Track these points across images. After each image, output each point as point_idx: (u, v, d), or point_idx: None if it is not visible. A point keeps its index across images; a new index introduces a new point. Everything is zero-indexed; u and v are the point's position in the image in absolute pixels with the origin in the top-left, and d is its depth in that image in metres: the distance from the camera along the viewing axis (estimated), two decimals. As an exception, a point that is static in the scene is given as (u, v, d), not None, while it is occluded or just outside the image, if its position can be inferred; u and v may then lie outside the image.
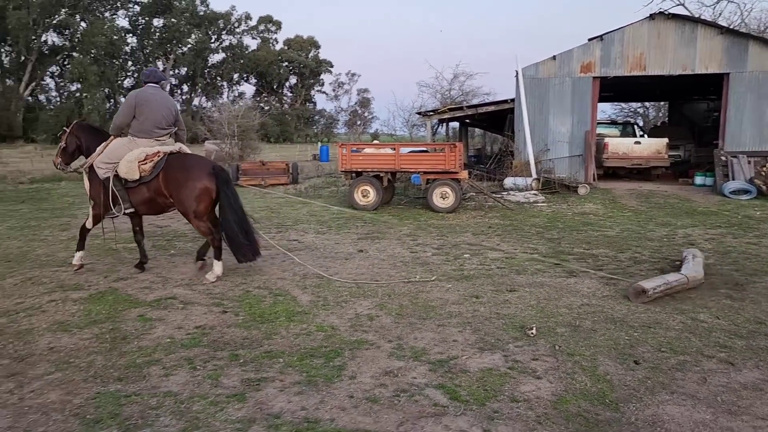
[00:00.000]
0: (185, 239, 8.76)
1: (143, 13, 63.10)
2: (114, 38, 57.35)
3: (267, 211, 11.98)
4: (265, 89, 74.26)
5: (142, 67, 64.88)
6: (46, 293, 5.75)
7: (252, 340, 4.46)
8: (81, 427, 3.15)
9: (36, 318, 4.99)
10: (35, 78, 56.66)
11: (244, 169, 17.92)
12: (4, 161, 23.83)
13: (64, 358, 4.13)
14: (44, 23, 53.79)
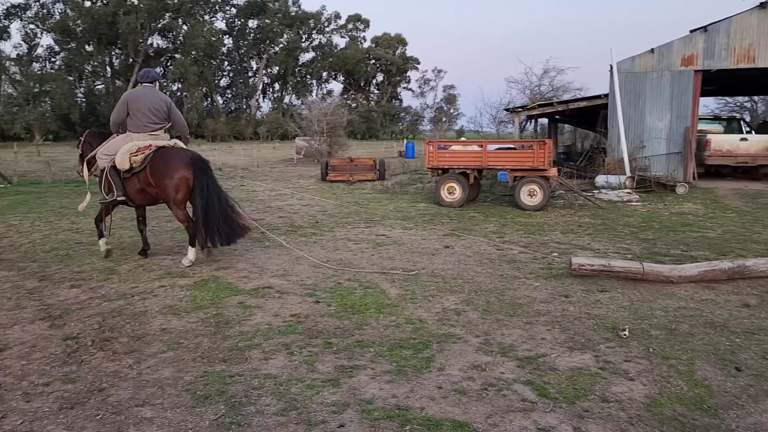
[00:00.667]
0: (278, 232, 9.16)
1: (239, 15, 65.83)
2: (212, 40, 60.22)
3: (355, 207, 12.28)
4: (353, 87, 75.61)
5: (238, 66, 67.89)
6: (156, 279, 6.24)
7: (344, 330, 4.66)
8: (192, 401, 3.44)
9: (149, 301, 5.43)
10: (141, 79, 60.30)
11: (333, 165, 18.40)
12: (114, 157, 25.63)
13: (175, 338, 4.49)
14: (150, 27, 57.30)
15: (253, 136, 61.83)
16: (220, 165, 23.66)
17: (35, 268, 6.82)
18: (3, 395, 3.55)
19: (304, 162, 27.55)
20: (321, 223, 10.20)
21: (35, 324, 4.86)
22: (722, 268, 6.12)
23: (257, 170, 23.01)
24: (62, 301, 5.48)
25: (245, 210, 8.84)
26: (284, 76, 69.55)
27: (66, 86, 52.82)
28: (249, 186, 16.56)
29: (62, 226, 9.74)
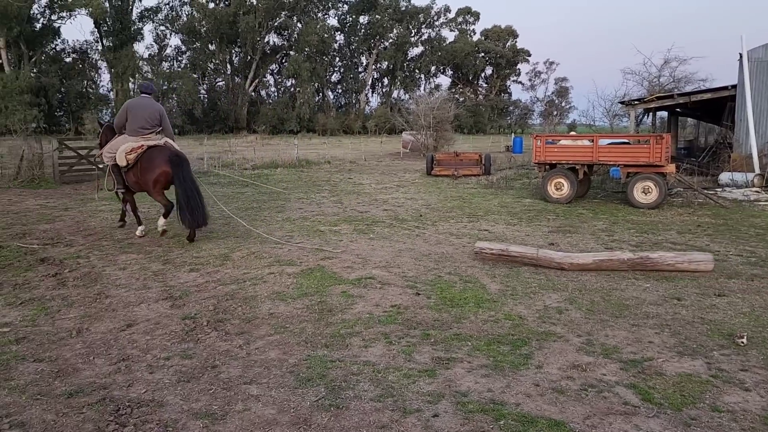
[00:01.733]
0: (383, 225, 9.33)
1: (351, 12, 67.27)
2: (325, 36, 61.94)
3: (458, 201, 12.24)
4: (461, 80, 74.98)
5: (348, 62, 69.46)
6: (266, 266, 6.58)
7: (442, 323, 4.70)
8: (295, 382, 3.63)
9: (259, 287, 5.75)
10: (258, 75, 63.46)
11: (438, 159, 18.41)
12: (232, 150, 27.16)
13: (281, 323, 4.73)
14: (267, 26, 59.94)
15: (362, 131, 63.04)
16: (329, 158, 24.40)
17: (160, 252, 7.41)
18: (130, 366, 3.92)
19: (410, 156, 27.76)
20: (424, 216, 10.27)
21: (159, 303, 5.30)
22: (621, 258, 6.31)
23: (364, 164, 23.50)
24: (182, 284, 5.93)
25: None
26: (393, 70, 70.27)
27: (191, 83, 56.54)
28: (356, 179, 16.96)
29: (184, 214, 10.48)
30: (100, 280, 6.09)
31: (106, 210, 10.70)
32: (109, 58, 57.01)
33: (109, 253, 7.37)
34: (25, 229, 8.92)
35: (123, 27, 57.39)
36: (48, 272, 6.43)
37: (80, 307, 5.23)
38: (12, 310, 5.17)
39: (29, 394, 3.50)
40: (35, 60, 53.26)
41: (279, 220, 9.81)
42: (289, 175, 18.08)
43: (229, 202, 11.75)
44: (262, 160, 21.90)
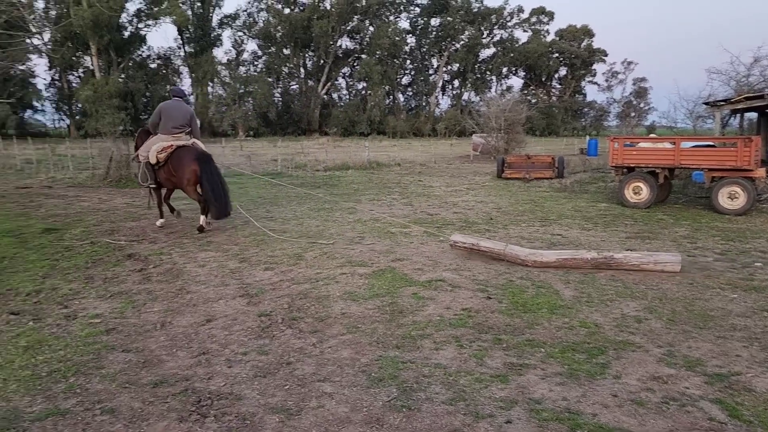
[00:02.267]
0: (453, 227, 9.29)
1: (422, 14, 67.35)
2: (396, 39, 62.27)
3: (530, 204, 12.02)
4: (533, 82, 73.60)
5: (419, 65, 69.55)
6: (338, 267, 6.69)
7: (514, 328, 4.63)
8: (367, 382, 3.67)
9: (331, 287, 5.86)
10: (330, 79, 64.56)
11: (509, 162, 18.15)
12: (305, 152, 27.73)
13: (353, 323, 4.80)
14: (340, 30, 60.91)
15: (431, 133, 62.95)
16: (399, 160, 24.51)
17: (236, 251, 7.67)
18: (210, 359, 4.08)
19: (480, 159, 27.49)
20: (495, 220, 10.15)
21: (236, 300, 5.49)
22: (585, 258, 6.50)
23: (434, 166, 23.46)
24: (258, 282, 6.11)
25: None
26: (464, 72, 69.80)
27: (266, 87, 58.18)
28: (426, 181, 16.96)
29: (259, 214, 10.79)
30: (181, 276, 6.37)
31: (186, 209, 11.17)
32: (190, 64, 59.53)
33: (190, 250, 7.69)
34: (113, 227, 9.45)
35: (203, 33, 59.80)
36: (134, 267, 6.79)
37: (163, 301, 5.49)
38: (102, 302, 5.49)
39: (118, 383, 3.71)
40: (123, 66, 56.26)
41: (350, 221, 9.94)
42: (360, 176, 18.28)
43: (302, 203, 12.03)
44: (334, 162, 22.26)
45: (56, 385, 3.69)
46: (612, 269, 6.40)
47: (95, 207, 11.65)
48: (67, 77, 60.12)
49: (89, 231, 9.06)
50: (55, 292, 5.79)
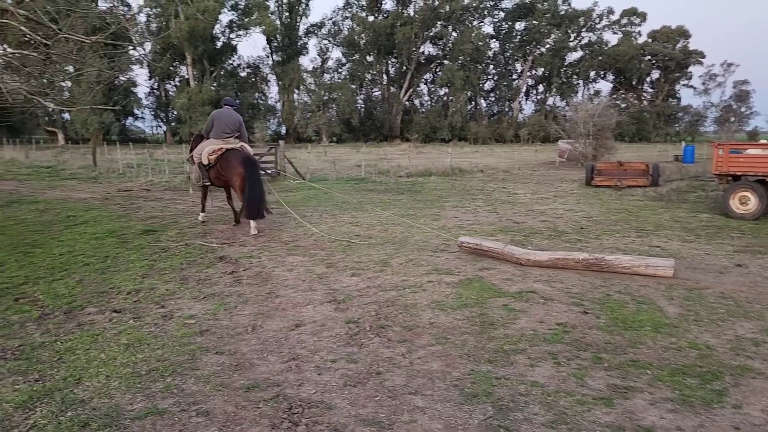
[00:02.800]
0: (541, 236, 8.97)
1: (507, 19, 66.38)
2: (479, 44, 61.71)
3: (623, 214, 11.44)
4: (623, 85, 70.72)
5: (502, 69, 68.54)
6: (425, 274, 6.58)
7: (615, 346, 4.35)
8: (460, 397, 3.53)
9: (418, 295, 5.75)
10: (412, 85, 64.79)
11: (599, 169, 17.42)
12: (388, 158, 27.86)
13: (442, 333, 4.67)
14: (423, 36, 61.03)
15: (514, 139, 61.84)
16: (482, 167, 24.14)
17: (323, 255, 7.72)
18: (300, 365, 4.07)
19: (566, 165, 26.64)
20: (586, 229, 9.72)
21: (324, 306, 5.49)
22: (576, 258, 6.70)
23: (518, 173, 22.93)
24: (345, 288, 6.10)
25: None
26: (549, 77, 68.11)
27: (349, 94, 59.16)
28: (510, 188, 16.57)
29: (344, 219, 10.87)
30: (270, 280, 6.46)
31: (275, 213, 11.42)
32: (277, 72, 61.49)
33: (278, 254, 7.82)
34: (205, 229, 9.79)
35: (291, 42, 61.64)
36: (226, 270, 6.96)
37: (254, 304, 5.57)
38: (196, 303, 5.64)
39: (212, 385, 3.76)
40: (215, 75, 58.86)
41: (435, 228, 9.81)
42: (443, 183, 18.12)
43: (386, 208, 12.01)
44: (416, 168, 22.21)
45: (154, 384, 3.78)
46: (603, 271, 6.56)
47: (189, 210, 12.14)
48: (164, 86, 63.64)
49: (183, 233, 9.42)
50: (153, 292, 6.02)
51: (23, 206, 12.63)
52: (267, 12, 58.09)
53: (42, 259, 7.60)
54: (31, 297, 5.86)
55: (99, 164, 23.96)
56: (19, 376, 3.92)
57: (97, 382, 3.81)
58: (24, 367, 4.08)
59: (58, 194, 15.14)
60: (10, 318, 5.17)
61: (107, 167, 23.39)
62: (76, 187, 17.06)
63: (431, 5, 60.63)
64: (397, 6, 63.20)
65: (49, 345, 4.48)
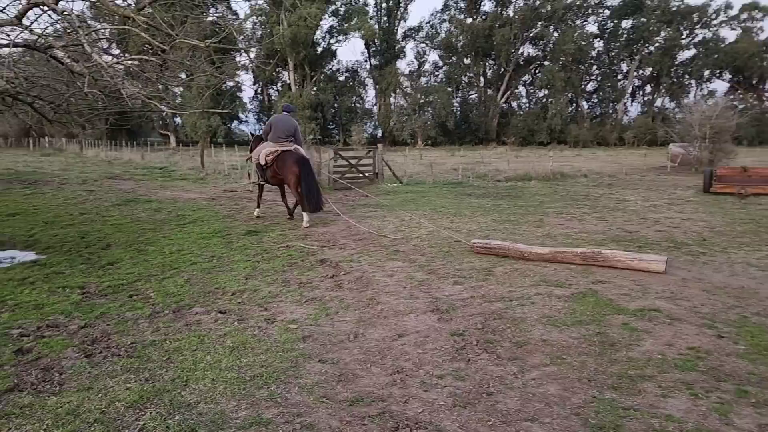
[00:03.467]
0: (658, 247, 8.29)
1: (612, 17, 63.54)
2: (582, 44, 59.47)
3: (752, 225, 10.41)
4: (742, 85, 65.68)
5: (606, 70, 65.69)
6: (532, 285, 6.20)
7: (761, 378, 3.82)
8: (584, 429, 3.19)
9: (527, 308, 5.40)
10: (510, 87, 63.49)
11: (719, 174, 16.07)
12: (485, 161, 27.35)
13: (557, 352, 4.31)
14: (522, 37, 59.66)
15: (618, 142, 59.07)
16: (585, 171, 23.08)
17: (423, 261, 7.51)
18: (405, 380, 3.87)
19: (678, 171, 24.94)
20: (709, 241, 8.90)
21: (426, 315, 5.27)
22: (575, 252, 7.15)
23: (625, 178, 21.69)
24: (447, 296, 5.85)
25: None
26: (657, 77, 64.48)
27: (445, 97, 58.84)
28: (618, 194, 15.64)
29: (443, 223, 10.62)
30: (371, 286, 6.33)
31: (373, 217, 11.35)
32: (374, 76, 62.27)
33: (378, 259, 7.69)
34: (306, 231, 9.86)
35: (389, 46, 62.20)
36: (326, 273, 6.91)
37: (355, 311, 5.44)
38: (298, 307, 5.59)
39: (316, 396, 3.63)
40: (315, 79, 60.41)
41: (539, 235, 9.35)
42: (544, 188, 17.42)
43: (486, 214, 11.64)
44: (515, 172, 21.57)
45: (258, 391, 3.71)
46: (599, 265, 6.91)
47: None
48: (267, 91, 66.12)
49: (285, 235, 9.54)
50: (256, 294, 6.04)
51: (138, 205, 13.34)
52: (366, 17, 58.93)
53: (154, 257, 7.90)
54: (143, 294, 6.06)
55: (206, 166, 25.10)
56: (131, 374, 3.98)
57: (203, 385, 3.79)
58: (136, 365, 4.14)
59: (169, 194, 15.92)
60: (125, 315, 5.34)
61: (213, 168, 24.45)
62: (185, 188, 17.90)
63: (532, 5, 59.16)
64: (496, 7, 62.19)
65: (158, 344, 4.55)
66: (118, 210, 12.60)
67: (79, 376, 3.96)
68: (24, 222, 10.82)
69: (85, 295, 6.00)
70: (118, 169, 26.20)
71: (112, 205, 13.29)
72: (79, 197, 14.90)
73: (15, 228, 10.14)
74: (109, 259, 7.74)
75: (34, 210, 12.42)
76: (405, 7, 63.53)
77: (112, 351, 4.41)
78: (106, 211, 12.34)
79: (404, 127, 59.09)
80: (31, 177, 21.06)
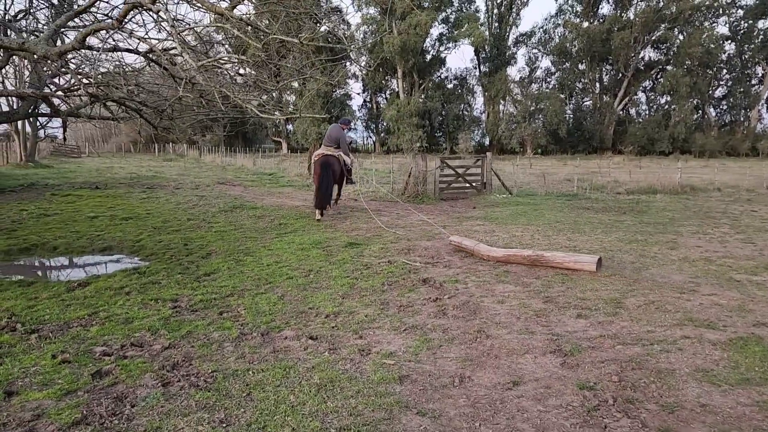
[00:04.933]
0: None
1: (746, 17, 58.24)
2: (711, 47, 54.95)
3: None
4: None
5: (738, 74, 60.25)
6: (675, 325, 5.17)
7: None
8: None
9: (673, 356, 4.42)
10: (628, 93, 59.87)
11: None
12: (602, 172, 25.59)
13: (722, 424, 3.37)
14: (643, 40, 56.11)
15: (750, 152, 53.90)
16: (718, 185, 20.84)
17: (539, 286, 6.63)
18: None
19: (830, 186, 21.94)
20: None
21: (546, 357, 4.45)
22: (523, 254, 7.55)
23: (766, 193, 19.32)
24: (570, 333, 4.99)
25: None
26: (798, 80, 58.23)
27: (558, 103, 56.44)
28: (762, 212, 13.73)
29: (559, 241, 9.62)
30: (479, 314, 5.59)
31: (481, 231, 10.55)
32: (484, 83, 61.03)
33: (486, 280, 6.92)
34: (409, 245, 9.25)
35: (499, 53, 60.74)
36: (429, 296, 6.25)
37: (461, 345, 4.73)
38: (397, 336, 4.97)
39: (413, 464, 2.96)
40: (423, 87, 60.13)
41: (674, 259, 8.15)
42: (673, 203, 15.75)
43: (608, 232, 10.48)
44: (637, 184, 19.83)
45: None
46: (543, 266, 7.30)
47: (393, 222, 11.80)
48: (376, 99, 66.74)
49: (386, 248, 8.99)
50: (352, 317, 5.49)
51: (243, 212, 13.37)
52: (477, 23, 57.86)
53: (251, 268, 7.61)
54: (234, 311, 5.69)
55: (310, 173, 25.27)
56: (205, 413, 3.51)
57: (282, 435, 3.25)
58: (212, 400, 3.69)
59: (275, 200, 15.95)
60: (212, 335, 4.96)
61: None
62: (291, 195, 17.93)
63: (655, 6, 55.41)
64: (616, 9, 58.92)
65: (240, 375, 4.09)
66: (224, 216, 12.65)
67: (150, 411, 3.55)
68: (135, 226, 11.05)
69: (176, 310, 5.72)
70: (230, 174, 27.06)
71: (219, 211, 13.40)
72: (189, 202, 15.25)
73: (126, 233, 10.33)
74: (206, 269, 7.53)
75: (146, 214, 12.75)
76: (517, 13, 61.76)
77: (191, 380, 3.99)
78: (212, 218, 12.42)
79: (513, 135, 57.33)
80: (150, 181, 22.12)
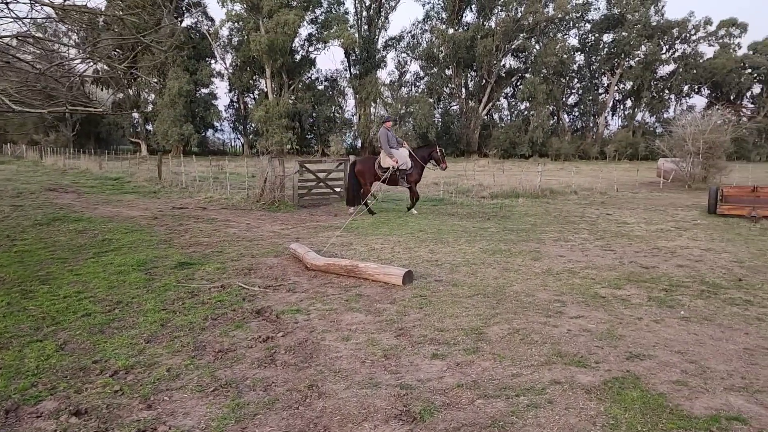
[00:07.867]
0: (689, 292, 6.57)
1: (593, 30, 62.75)
2: (564, 57, 58.51)
3: (784, 258, 8.77)
4: (719, 100, 65.15)
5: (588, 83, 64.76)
6: (543, 364, 4.36)
7: None
8: None
9: (542, 413, 3.56)
10: (492, 99, 62.25)
11: (726, 194, 14.54)
12: (468, 175, 25.67)
13: None
14: (504, 48, 58.50)
15: (599, 156, 58.05)
16: (575, 188, 21.51)
17: (393, 313, 5.67)
18: None
19: (670, 187, 23.52)
20: (746, 281, 7.22)
21: (390, 425, 3.43)
22: (341, 264, 7.28)
23: (617, 195, 20.14)
24: (423, 383, 4.02)
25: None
26: (638, 91, 63.58)
27: (426, 107, 57.24)
28: (617, 216, 13.97)
29: (421, 254, 8.80)
30: (315, 358, 4.50)
31: (338, 244, 9.51)
32: (354, 85, 60.52)
33: (333, 308, 5.85)
34: (252, 263, 8.00)
35: (369, 55, 60.53)
36: (260, 333, 5.07)
37: (283, 411, 3.60)
38: (201, 401, 3.74)
39: None
40: (293, 88, 58.48)
41: (538, 272, 7.58)
42: (534, 206, 15.72)
43: (473, 241, 9.86)
44: (501, 188, 19.88)
45: None
46: (356, 276, 7.07)
47: (240, 235, 10.43)
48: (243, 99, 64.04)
49: (224, 268, 7.66)
50: (149, 373, 4.18)
51: (64, 225, 11.33)
52: (346, 25, 57.19)
53: (40, 302, 5.99)
54: (-21, 375, 4.14)
55: (165, 177, 22.99)
56: None
57: None
58: None
59: (109, 210, 13.90)
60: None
61: (172, 180, 22.37)
62: (132, 203, 15.87)
63: (514, 17, 57.97)
64: (478, 18, 60.94)
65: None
66: (36, 231, 10.58)
67: None
68: None
69: None
70: (68, 179, 24.01)
71: (33, 225, 11.26)
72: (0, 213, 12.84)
73: None
74: (-26, 307, 5.80)
75: (-69, 231, 10.36)
76: (386, 17, 61.92)
77: None
78: (21, 233, 10.32)
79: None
80: (-38, 188, 18.86)
